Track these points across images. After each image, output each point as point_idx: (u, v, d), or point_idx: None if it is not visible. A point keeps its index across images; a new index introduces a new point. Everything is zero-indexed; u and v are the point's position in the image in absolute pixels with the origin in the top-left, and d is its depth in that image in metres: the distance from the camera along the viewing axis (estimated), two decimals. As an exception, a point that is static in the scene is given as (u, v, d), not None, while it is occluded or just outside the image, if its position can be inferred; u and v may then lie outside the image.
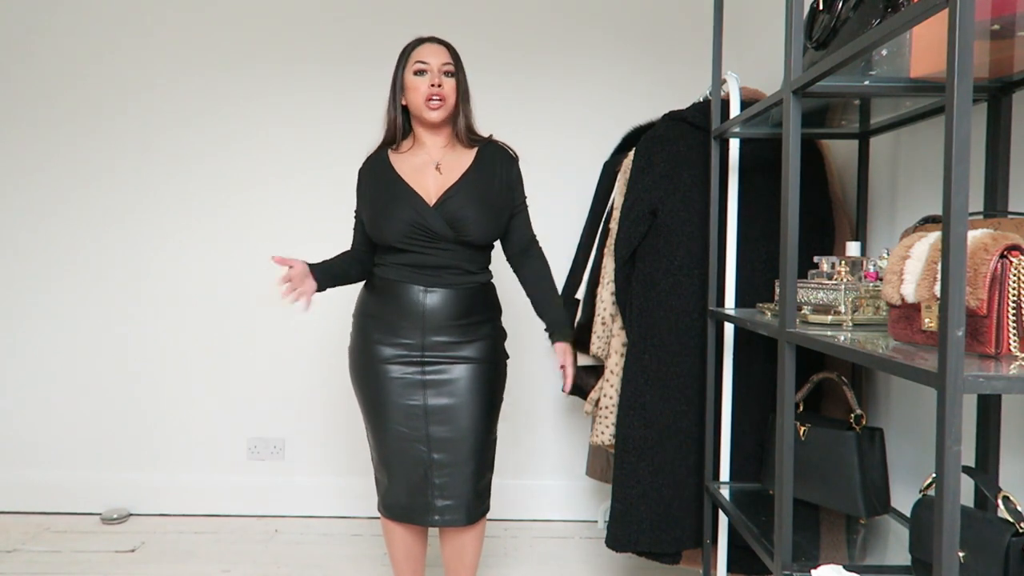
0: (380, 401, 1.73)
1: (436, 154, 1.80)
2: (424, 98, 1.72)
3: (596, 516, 2.82)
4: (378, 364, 1.74)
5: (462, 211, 1.71)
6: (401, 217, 1.71)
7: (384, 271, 1.79)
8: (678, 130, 1.95)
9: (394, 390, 1.72)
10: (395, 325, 1.73)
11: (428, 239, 1.72)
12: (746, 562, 1.85)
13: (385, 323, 1.75)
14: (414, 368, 1.73)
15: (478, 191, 1.75)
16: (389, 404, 1.72)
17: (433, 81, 1.71)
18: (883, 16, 1.17)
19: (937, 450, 0.85)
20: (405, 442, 1.71)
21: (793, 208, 1.28)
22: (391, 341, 1.73)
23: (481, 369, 1.76)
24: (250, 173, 2.84)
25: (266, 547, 2.57)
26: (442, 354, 1.73)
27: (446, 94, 1.73)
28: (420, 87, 1.72)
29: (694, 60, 2.73)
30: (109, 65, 2.81)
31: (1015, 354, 0.95)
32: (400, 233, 1.71)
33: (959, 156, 0.81)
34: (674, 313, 1.89)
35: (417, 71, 1.73)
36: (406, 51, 1.78)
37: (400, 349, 1.73)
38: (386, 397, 1.72)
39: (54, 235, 2.84)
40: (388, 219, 1.72)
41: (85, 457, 2.86)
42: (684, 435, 1.89)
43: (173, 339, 2.85)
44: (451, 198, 1.73)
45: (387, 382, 1.72)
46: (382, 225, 1.73)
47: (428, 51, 1.74)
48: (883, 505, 1.52)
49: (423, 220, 1.70)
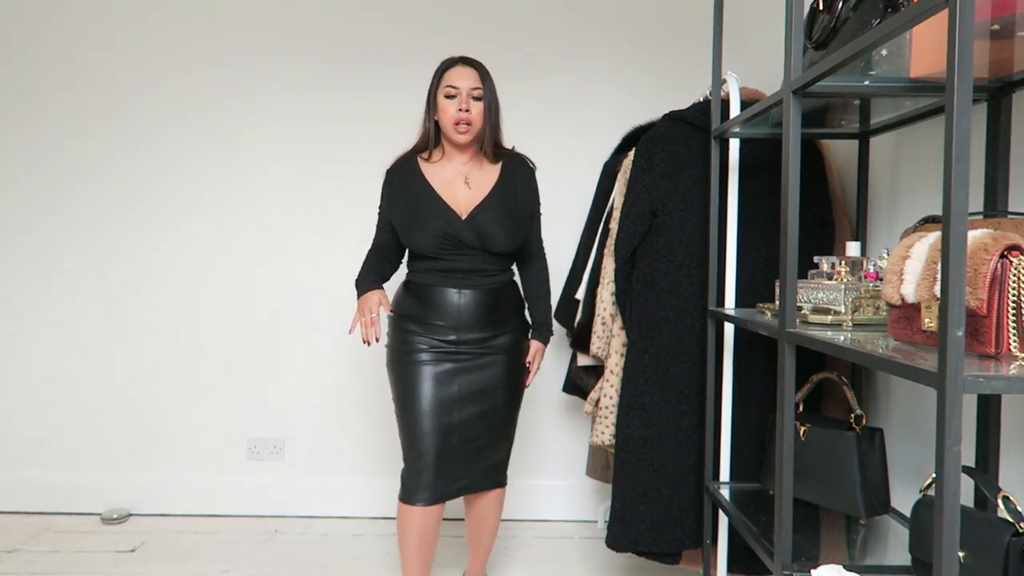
0: (417, 392, 1.85)
1: (464, 168, 1.93)
2: (452, 122, 1.85)
3: (596, 516, 2.82)
4: (416, 358, 1.86)
5: (491, 226, 1.86)
6: (434, 229, 1.84)
7: (419, 276, 1.92)
8: (678, 130, 1.95)
9: (428, 380, 1.85)
10: (432, 324, 1.87)
11: (457, 248, 1.86)
12: (746, 562, 1.85)
13: (423, 323, 1.88)
14: (449, 362, 1.87)
15: (505, 206, 1.90)
16: (424, 395, 1.84)
17: (462, 106, 1.84)
18: (883, 16, 1.17)
19: (937, 450, 0.85)
20: (437, 429, 1.84)
21: (793, 208, 1.28)
22: (429, 337, 1.87)
23: (509, 359, 1.93)
24: (251, 173, 2.84)
25: (266, 547, 2.57)
26: (475, 348, 1.89)
27: (473, 119, 1.86)
28: (449, 110, 1.85)
29: (694, 60, 2.73)
30: (109, 64, 2.81)
31: (1015, 354, 0.95)
32: (433, 243, 1.85)
33: (959, 156, 0.82)
34: (674, 313, 1.89)
35: (448, 95, 1.86)
36: (440, 70, 1.91)
37: (437, 344, 1.87)
38: (422, 389, 1.85)
39: (53, 235, 2.84)
40: (423, 229, 1.85)
41: (85, 457, 2.86)
42: (684, 435, 1.89)
43: (173, 339, 2.85)
44: (480, 213, 1.87)
45: (423, 375, 1.85)
46: (416, 234, 1.86)
47: (458, 75, 1.86)
48: (883, 505, 1.52)
49: (456, 232, 1.84)
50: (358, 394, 2.86)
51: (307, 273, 2.85)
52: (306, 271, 2.85)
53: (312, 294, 2.84)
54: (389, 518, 2.83)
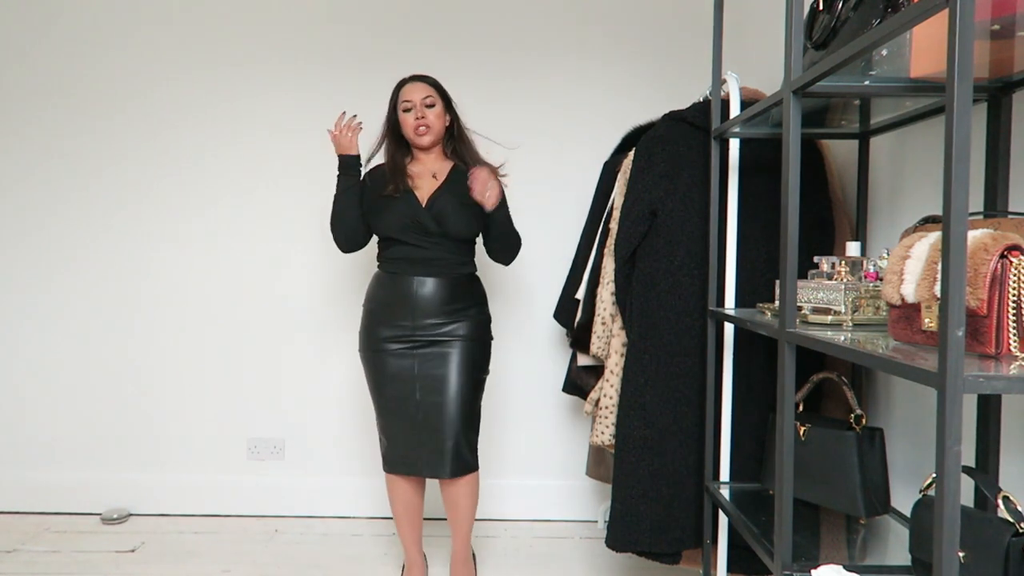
0: (380, 373, 2.07)
1: (433, 166, 2.15)
2: (412, 129, 2.09)
3: (596, 516, 2.82)
4: (378, 343, 2.07)
5: (448, 211, 2.04)
6: (399, 211, 2.05)
7: (384, 266, 2.13)
8: (678, 130, 1.95)
9: (390, 364, 2.05)
10: (392, 311, 2.07)
11: (420, 234, 2.05)
12: (746, 562, 1.85)
13: (384, 310, 2.08)
14: (406, 345, 2.05)
15: (461, 193, 2.06)
16: (386, 375, 2.06)
17: (417, 115, 2.09)
18: (883, 16, 1.17)
19: (937, 450, 0.85)
20: (399, 406, 2.04)
21: (793, 208, 1.28)
22: (388, 324, 2.06)
23: (467, 346, 2.07)
24: (251, 172, 2.84)
25: (266, 547, 2.57)
26: (431, 334, 2.05)
27: (430, 123, 2.09)
28: (409, 120, 2.10)
29: (694, 60, 2.73)
30: (108, 63, 2.81)
31: (1015, 354, 0.95)
32: (397, 225, 2.05)
33: (959, 156, 0.81)
34: (674, 313, 1.89)
35: (405, 108, 2.10)
36: (395, 90, 2.15)
37: (395, 331, 2.06)
38: (384, 370, 2.06)
39: (53, 235, 2.84)
40: (390, 212, 2.06)
41: (85, 457, 2.86)
42: (684, 435, 1.89)
43: (173, 339, 2.85)
44: (437, 200, 2.06)
45: (385, 358, 2.06)
46: (384, 217, 2.07)
47: (411, 90, 2.11)
48: (883, 505, 1.52)
49: (417, 216, 2.04)
50: (358, 394, 2.85)
51: (307, 273, 2.85)
52: (307, 271, 2.85)
53: (312, 294, 2.84)
54: (388, 518, 2.83)
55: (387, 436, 2.09)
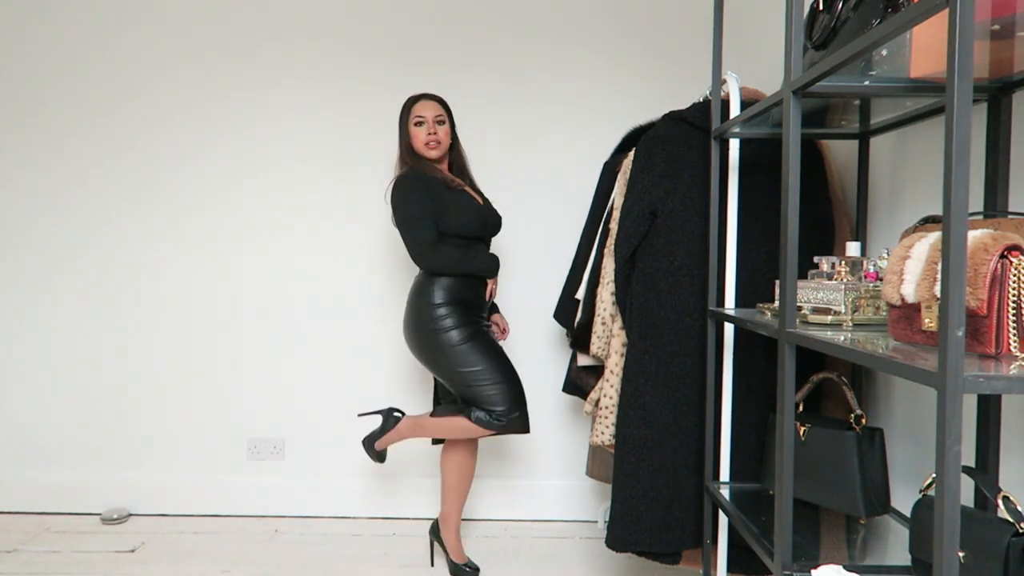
0: (484, 339, 2.28)
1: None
2: (423, 143, 2.29)
3: (596, 516, 2.82)
4: (471, 323, 2.28)
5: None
6: (473, 209, 2.29)
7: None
8: (678, 130, 1.95)
9: (488, 335, 2.33)
10: (474, 306, 2.32)
11: (486, 231, 2.36)
12: (746, 562, 1.85)
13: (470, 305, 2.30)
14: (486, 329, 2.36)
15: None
16: (492, 341, 2.31)
17: (429, 130, 2.29)
18: (883, 16, 1.17)
19: (937, 450, 0.85)
20: (513, 371, 2.29)
21: (793, 208, 1.28)
22: (476, 316, 2.33)
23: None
24: (252, 172, 2.84)
25: (266, 547, 2.57)
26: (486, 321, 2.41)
27: (440, 138, 2.30)
28: (419, 135, 2.29)
29: (694, 60, 2.73)
30: (107, 61, 2.81)
31: (1015, 354, 0.95)
32: (476, 225, 2.30)
33: (959, 156, 0.81)
34: (674, 313, 1.89)
35: (417, 122, 2.30)
36: (407, 105, 2.33)
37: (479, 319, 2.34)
38: (487, 337, 2.30)
39: (53, 235, 2.84)
40: (464, 210, 2.27)
41: (85, 457, 2.86)
42: (684, 435, 1.89)
43: (173, 339, 2.85)
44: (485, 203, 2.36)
45: (482, 329, 2.31)
46: (459, 217, 2.26)
47: (423, 107, 2.31)
48: (883, 505, 1.52)
49: (486, 213, 2.34)
50: (358, 394, 2.86)
51: (308, 273, 2.85)
52: (307, 271, 2.85)
53: (313, 294, 2.84)
54: (388, 518, 2.83)
55: (512, 394, 2.24)
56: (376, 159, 2.78)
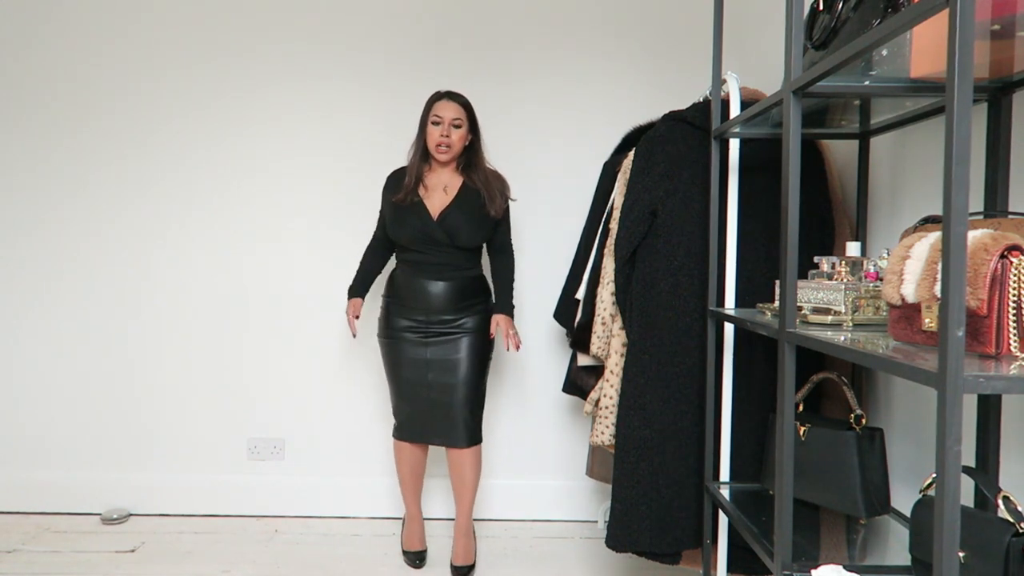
0: (397, 357, 2.34)
1: (446, 179, 2.36)
2: (435, 144, 2.29)
3: (596, 516, 2.82)
4: (396, 331, 2.34)
5: (458, 225, 2.28)
6: (413, 226, 2.28)
7: (402, 267, 2.38)
8: (678, 130, 1.95)
9: (406, 350, 2.32)
10: (408, 305, 2.33)
11: (431, 244, 2.29)
12: (746, 562, 1.85)
13: (402, 303, 2.34)
14: (420, 335, 2.32)
15: (470, 208, 2.30)
16: (402, 360, 2.33)
17: (443, 132, 2.28)
18: (883, 16, 1.17)
19: (937, 450, 0.85)
20: (412, 388, 2.33)
21: (793, 208, 1.28)
22: (405, 316, 2.33)
23: (474, 336, 2.34)
24: (251, 173, 2.84)
25: (266, 547, 2.57)
26: (443, 326, 2.32)
27: (452, 143, 2.30)
28: (434, 134, 2.29)
29: (694, 60, 2.73)
30: (106, 60, 2.81)
31: (1015, 354, 0.95)
32: (410, 238, 2.29)
33: (959, 156, 0.81)
34: (674, 313, 1.89)
35: (434, 122, 2.30)
36: (430, 101, 2.33)
37: (411, 322, 2.33)
38: (401, 355, 2.33)
39: (53, 235, 2.84)
40: (404, 226, 2.30)
41: (85, 457, 2.86)
42: (684, 435, 1.89)
43: (173, 339, 2.85)
44: (448, 215, 2.28)
45: (402, 344, 2.33)
46: (398, 231, 2.31)
47: (443, 107, 2.30)
48: (883, 505, 1.52)
49: (428, 230, 2.27)
50: (358, 394, 2.86)
51: (307, 273, 2.85)
52: (306, 271, 2.85)
53: (312, 294, 2.84)
54: (388, 518, 2.83)
55: (400, 411, 2.37)
56: (376, 159, 2.77)
